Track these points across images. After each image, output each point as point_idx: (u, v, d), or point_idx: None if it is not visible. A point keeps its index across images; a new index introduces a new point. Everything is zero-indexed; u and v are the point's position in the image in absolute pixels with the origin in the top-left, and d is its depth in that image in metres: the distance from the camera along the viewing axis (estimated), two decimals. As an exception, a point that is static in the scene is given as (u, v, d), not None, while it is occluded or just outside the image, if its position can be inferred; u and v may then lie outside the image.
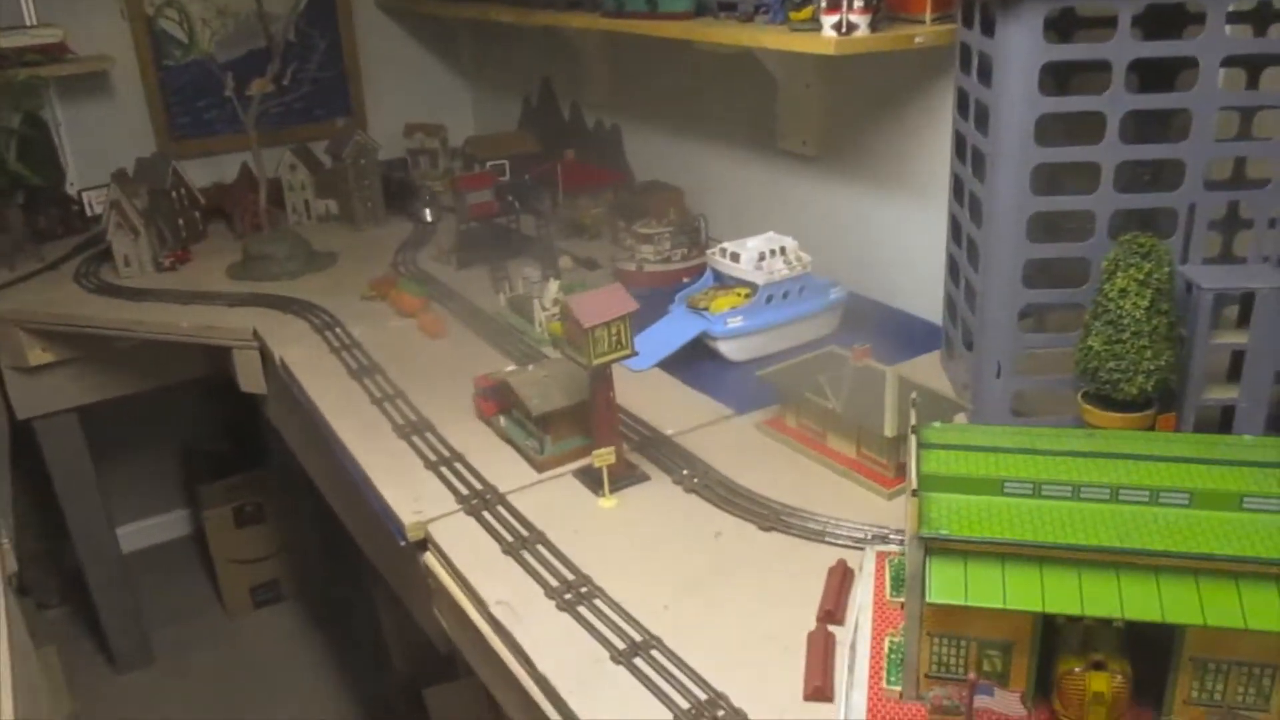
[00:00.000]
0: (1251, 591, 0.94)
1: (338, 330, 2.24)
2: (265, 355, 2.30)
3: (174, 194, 2.84)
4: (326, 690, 3.28)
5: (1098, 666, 0.99)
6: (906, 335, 2.03)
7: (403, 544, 1.53)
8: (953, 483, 1.04)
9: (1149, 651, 1.02)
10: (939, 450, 1.09)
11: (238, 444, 3.61)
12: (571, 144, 3.01)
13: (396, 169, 3.34)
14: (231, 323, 2.37)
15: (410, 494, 1.59)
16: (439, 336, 2.17)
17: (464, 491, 1.58)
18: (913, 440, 1.07)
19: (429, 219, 2.97)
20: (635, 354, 1.52)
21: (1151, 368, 1.45)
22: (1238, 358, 1.53)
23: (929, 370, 1.86)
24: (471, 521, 1.51)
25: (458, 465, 1.66)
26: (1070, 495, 1.02)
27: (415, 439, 1.75)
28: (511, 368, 1.78)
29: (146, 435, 3.66)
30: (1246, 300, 1.50)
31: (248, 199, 2.90)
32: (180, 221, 2.85)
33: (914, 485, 1.01)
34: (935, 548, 1.00)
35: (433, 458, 1.68)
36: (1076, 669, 0.99)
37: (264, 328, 2.30)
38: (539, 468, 1.62)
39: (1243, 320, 1.53)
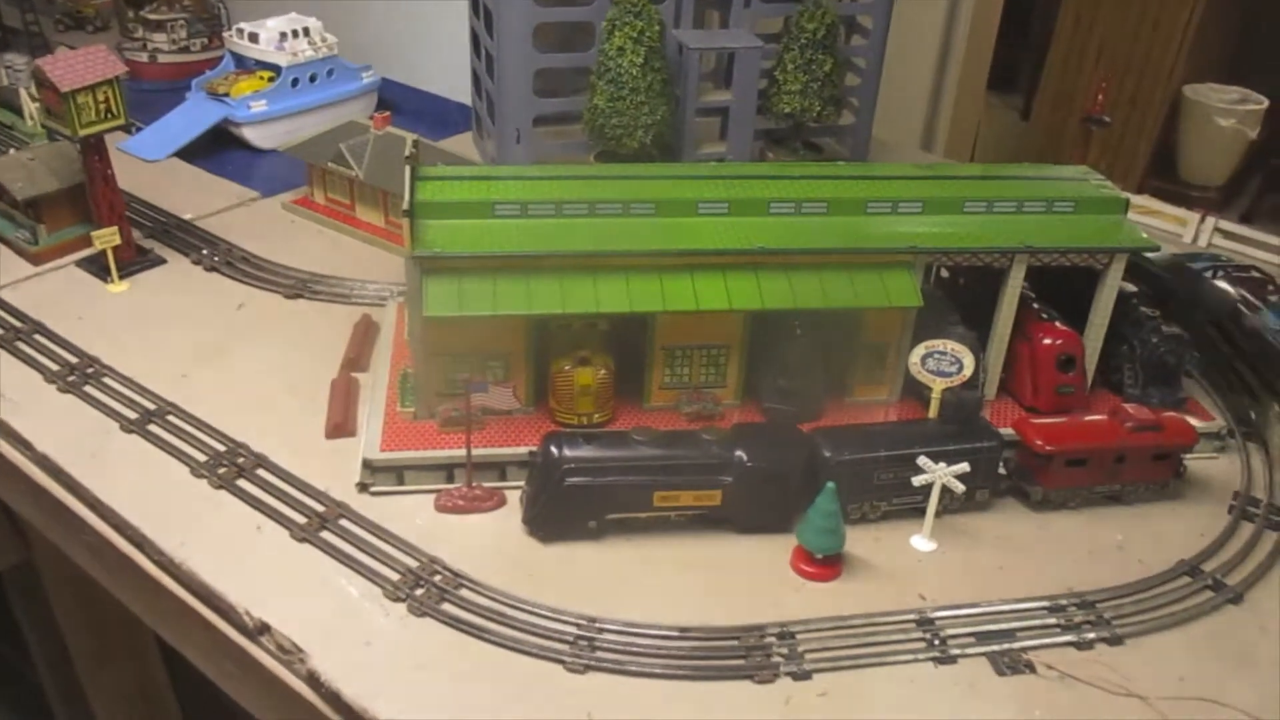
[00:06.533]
0: (703, 280, 1.08)
1: None
2: None
3: None
4: None
5: (583, 363, 1.10)
6: (441, 117, 2.05)
7: None
8: (448, 208, 1.08)
9: (629, 351, 1.14)
10: (435, 181, 1.12)
11: None
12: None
13: None
14: None
15: None
16: (-97, 136, 1.86)
17: (-60, 292, 1.40)
18: (407, 170, 1.09)
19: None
20: (130, 123, 1.40)
21: (649, 121, 1.57)
22: (726, 117, 1.70)
23: (462, 148, 1.89)
24: (-50, 322, 1.35)
25: (-68, 267, 1.46)
26: (553, 213, 1.10)
27: (-127, 243, 1.51)
28: (-9, 157, 1.58)
29: None
30: (730, 62, 1.67)
31: None
32: None
33: (405, 207, 1.03)
34: (430, 266, 1.04)
35: (-103, 261, 1.47)
36: (566, 367, 1.09)
37: None
38: (34, 260, 1.47)
39: (728, 82, 1.70)
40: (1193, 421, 1.16)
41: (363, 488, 1.08)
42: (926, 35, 2.31)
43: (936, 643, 0.94)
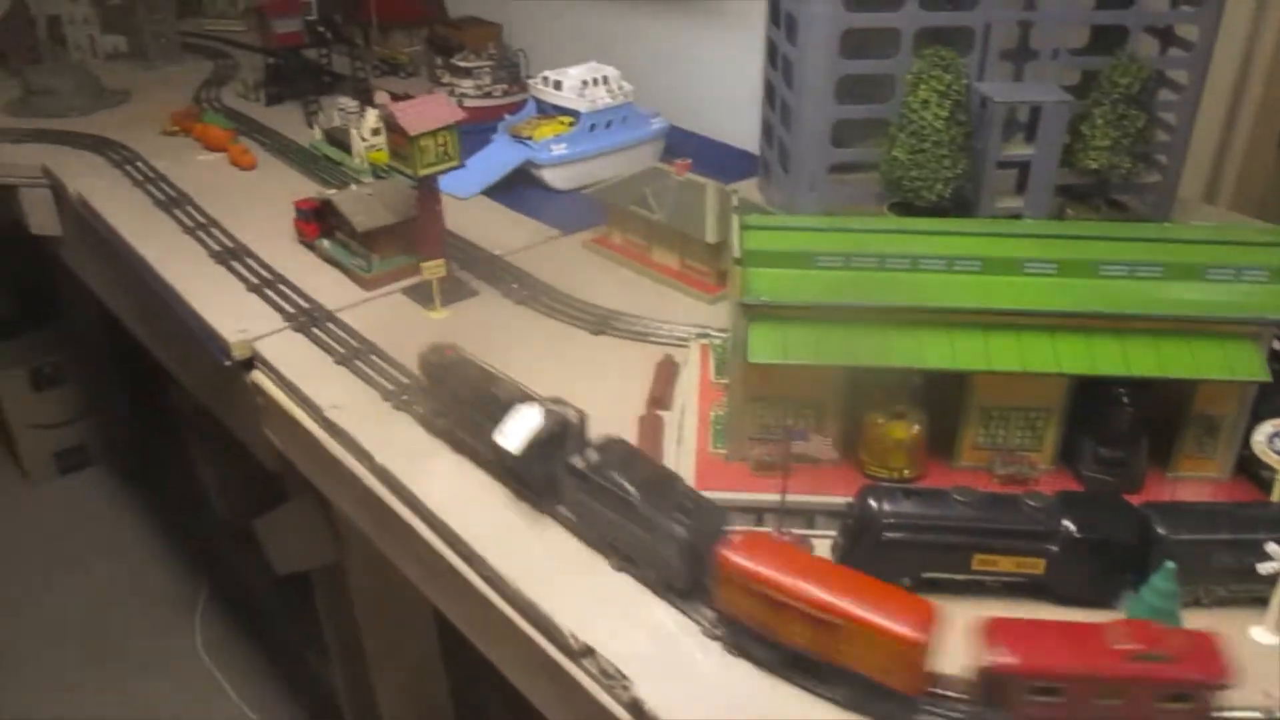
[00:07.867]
0: (1030, 340, 1.06)
1: (139, 165, 2.11)
2: (58, 194, 2.15)
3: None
4: (145, 548, 3.19)
5: (898, 416, 1.09)
6: (726, 164, 2.09)
7: (227, 364, 1.50)
8: (771, 257, 1.11)
9: (942, 406, 1.13)
10: (759, 231, 1.15)
11: (24, 302, 3.38)
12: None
13: (190, 6, 3.12)
14: (16, 159, 2.20)
15: (232, 315, 1.55)
16: (251, 169, 2.08)
17: (290, 310, 1.56)
18: (735, 220, 1.13)
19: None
20: (463, 165, 1.52)
21: (950, 175, 1.56)
22: (1024, 171, 1.66)
23: (748, 195, 1.93)
24: (300, 338, 1.50)
25: (281, 287, 1.62)
26: (876, 265, 1.11)
27: (234, 264, 1.70)
28: (333, 190, 1.74)
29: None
30: (1034, 115, 1.63)
31: (23, 34, 2.66)
32: (-58, 56, 2.59)
33: (736, 256, 1.07)
34: (755, 314, 1.07)
35: (254, 281, 1.64)
36: (880, 420, 1.10)
37: (55, 164, 2.14)
38: (366, 286, 1.61)
39: (1030, 136, 1.66)
40: None
41: (675, 523, 1.11)
42: (1218, 83, 2.18)
43: (1288, 746, 0.87)
